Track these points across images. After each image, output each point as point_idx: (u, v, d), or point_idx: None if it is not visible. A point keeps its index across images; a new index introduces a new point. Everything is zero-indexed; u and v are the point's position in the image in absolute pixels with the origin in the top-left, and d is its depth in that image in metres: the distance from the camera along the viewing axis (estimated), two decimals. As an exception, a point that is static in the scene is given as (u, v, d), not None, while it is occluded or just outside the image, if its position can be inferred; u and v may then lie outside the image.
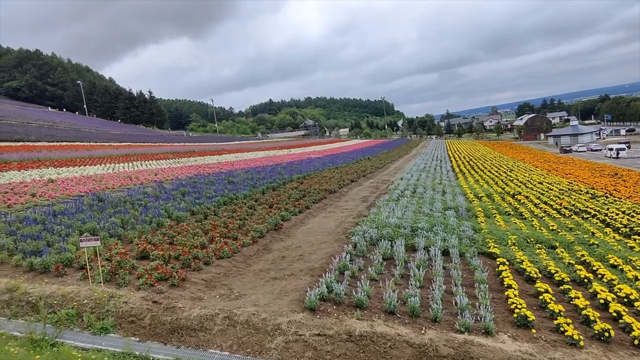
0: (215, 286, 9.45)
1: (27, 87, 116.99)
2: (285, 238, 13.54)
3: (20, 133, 53.36)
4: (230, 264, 10.81)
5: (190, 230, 12.51)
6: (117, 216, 13.13)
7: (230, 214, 14.84)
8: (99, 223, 12.48)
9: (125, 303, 8.06)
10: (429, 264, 10.86)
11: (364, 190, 23.77)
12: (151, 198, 16.44)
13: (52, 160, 34.19)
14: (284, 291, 9.06)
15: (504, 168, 39.34)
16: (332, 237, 13.30)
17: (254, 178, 23.20)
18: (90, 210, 14.19)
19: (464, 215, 16.39)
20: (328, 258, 11.18)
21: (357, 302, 8.47)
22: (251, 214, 15.31)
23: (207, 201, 16.03)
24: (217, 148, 60.76)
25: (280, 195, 18.99)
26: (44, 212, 14.05)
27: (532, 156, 56.43)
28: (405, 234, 13.06)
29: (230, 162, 38.24)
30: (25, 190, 19.00)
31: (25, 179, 22.42)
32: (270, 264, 11.06)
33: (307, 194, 19.66)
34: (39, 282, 8.92)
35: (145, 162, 35.87)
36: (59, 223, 12.61)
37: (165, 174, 27.02)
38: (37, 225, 12.26)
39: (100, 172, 27.86)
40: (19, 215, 13.72)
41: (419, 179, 27.02)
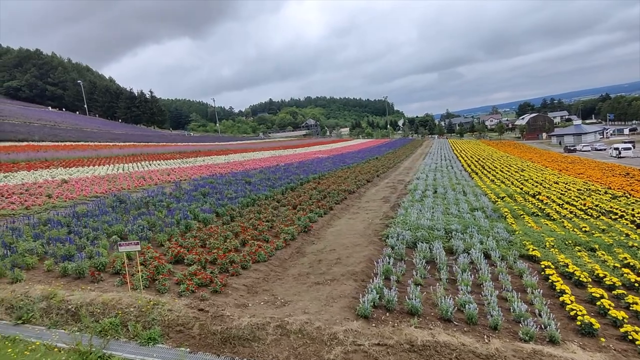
0: (257, 292, 9.06)
1: (27, 86, 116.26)
2: (316, 240, 13.15)
3: (23, 133, 52.85)
4: (268, 268, 10.42)
5: (221, 232, 12.11)
6: (143, 218, 12.71)
7: (256, 216, 14.44)
8: (126, 225, 12.06)
9: (170, 311, 7.66)
10: (472, 268, 10.49)
11: (382, 190, 23.39)
12: (173, 199, 16.01)
13: (60, 160, 33.73)
14: (330, 297, 8.67)
15: (515, 168, 38.98)
16: (365, 240, 12.92)
17: (271, 178, 22.79)
18: (113, 212, 13.78)
19: (492, 216, 16.02)
20: (367, 262, 10.81)
21: (411, 308, 8.09)
22: (276, 215, 14.90)
23: (231, 202, 15.62)
24: (222, 148, 60.32)
25: (301, 196, 18.59)
26: (67, 213, 13.62)
27: (539, 156, 56.11)
28: (440, 236, 12.70)
29: (239, 162, 37.81)
30: (40, 191, 18.56)
31: (37, 180, 21.97)
32: (307, 267, 10.67)
33: (327, 195, 19.27)
34: (75, 288, 8.51)
35: (154, 162, 35.43)
36: (85, 225, 12.20)
37: (177, 174, 26.59)
38: (62, 228, 11.83)
39: (111, 172, 27.42)
40: (41, 217, 13.29)
41: (435, 179, 26.66)
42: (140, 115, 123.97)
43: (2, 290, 8.25)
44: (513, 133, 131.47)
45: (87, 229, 11.66)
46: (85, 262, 9.03)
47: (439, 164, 38.77)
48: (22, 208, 15.35)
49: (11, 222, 12.19)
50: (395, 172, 33.86)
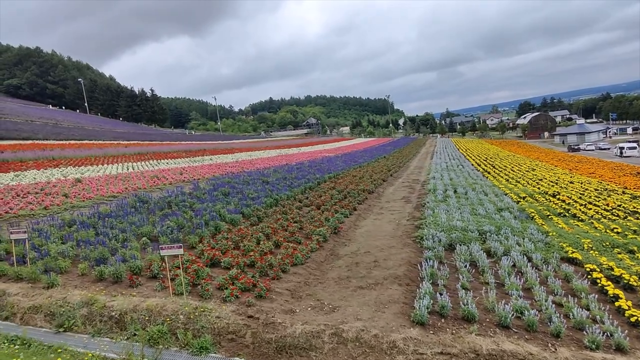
0: (301, 297, 8.72)
1: (27, 84, 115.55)
2: (348, 242, 12.81)
3: (27, 131, 52.34)
4: (306, 272, 10.07)
5: (252, 234, 11.76)
6: (170, 219, 12.34)
7: (283, 216, 14.09)
8: (155, 227, 11.70)
9: (219, 318, 7.31)
10: (516, 271, 10.17)
11: (399, 189, 23.07)
12: (195, 199, 15.65)
13: (67, 159, 33.31)
14: (380, 302, 8.34)
15: (525, 167, 38.67)
16: (398, 241, 12.59)
17: (288, 178, 22.43)
18: (137, 213, 13.40)
19: (520, 217, 15.70)
20: (407, 265, 10.49)
21: (467, 314, 7.76)
22: (303, 216, 14.55)
23: (255, 202, 15.26)
24: (226, 147, 59.91)
25: (322, 196, 18.25)
26: (91, 214, 13.23)
27: (545, 155, 55.81)
28: (475, 238, 12.37)
29: (248, 161, 37.43)
30: (56, 190, 18.16)
31: (50, 179, 21.56)
32: (346, 271, 10.33)
33: (348, 195, 18.93)
34: (115, 293, 8.15)
35: (162, 161, 35.02)
36: (111, 226, 11.83)
37: (190, 173, 26.21)
38: (89, 229, 11.46)
39: (122, 171, 27.02)
40: (64, 217, 12.90)
41: (452, 178, 26.35)
42: (141, 113, 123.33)
43: (39, 296, 7.89)
44: (515, 132, 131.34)
45: (114, 230, 11.30)
46: (122, 266, 8.65)
47: (449, 164, 38.47)
48: (41, 208, 14.96)
49: (35, 223, 11.81)
50: (406, 172, 33.54)
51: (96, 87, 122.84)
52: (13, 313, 7.53)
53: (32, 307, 7.57)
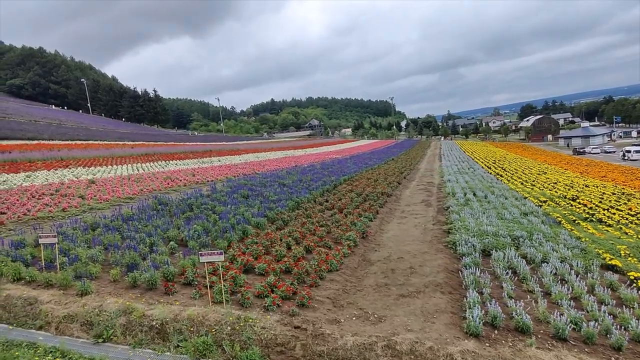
0: (342, 305, 8.36)
1: (30, 84, 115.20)
2: (377, 247, 12.46)
3: (32, 131, 51.99)
4: (342, 278, 9.72)
5: (281, 238, 11.42)
6: (196, 222, 11.99)
7: (307, 220, 13.74)
8: (182, 230, 11.35)
9: (264, 329, 6.96)
10: (559, 279, 9.82)
11: (417, 193, 22.72)
12: (215, 202, 15.30)
13: (75, 159, 32.97)
14: (427, 312, 7.99)
15: (535, 170, 38.31)
16: (429, 247, 12.24)
17: (304, 180, 22.07)
18: (160, 215, 13.05)
19: (548, 221, 15.34)
20: (445, 272, 10.15)
21: (521, 325, 7.41)
22: (327, 219, 14.19)
23: (277, 206, 14.91)
24: (232, 148, 59.58)
25: (341, 199, 17.91)
26: (113, 216, 12.86)
27: (552, 158, 55.43)
28: (508, 244, 12.02)
29: (257, 162, 37.08)
30: (71, 192, 17.82)
31: (62, 180, 21.21)
32: (382, 277, 9.98)
33: (368, 198, 18.60)
34: (152, 301, 7.80)
35: (171, 162, 34.68)
36: (136, 229, 11.48)
37: (201, 174, 25.86)
38: (114, 233, 11.11)
39: (133, 172, 26.67)
40: (85, 219, 12.54)
41: (467, 181, 26.00)
42: (143, 114, 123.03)
43: (73, 304, 7.53)
44: (517, 135, 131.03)
45: (140, 233, 10.94)
46: (157, 273, 8.30)
47: (460, 167, 38.12)
48: (59, 210, 14.61)
49: (58, 226, 11.45)
50: (417, 174, 33.20)
51: (99, 87, 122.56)
52: (47, 322, 7.18)
53: (67, 315, 7.21)
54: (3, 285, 8.06)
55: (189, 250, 10.30)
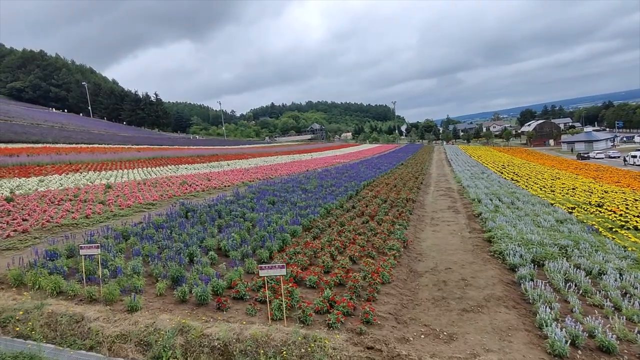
0: (406, 322, 7.84)
1: (30, 87, 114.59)
2: (419, 257, 11.96)
3: (36, 134, 51.37)
4: (396, 291, 9.20)
5: (323, 247, 10.90)
6: (231, 230, 11.45)
7: (343, 228, 13.23)
8: (218, 239, 10.81)
9: (335, 349, 6.42)
10: (623, 292, 9.33)
11: (440, 199, 22.24)
12: (245, 208, 14.76)
13: (84, 163, 32.39)
14: (498, 329, 7.48)
15: (547, 175, 37.94)
16: (474, 256, 11.75)
17: (325, 185, 21.58)
18: (194, 223, 12.48)
19: (587, 229, 14.87)
20: (500, 284, 9.65)
21: (606, 345, 6.91)
22: (360, 227, 13.68)
23: (309, 212, 14.39)
24: (238, 152, 59.04)
25: (368, 206, 17.42)
26: (145, 224, 12.28)
27: (559, 163, 55.13)
28: (557, 253, 11.53)
29: (268, 166, 36.57)
30: (90, 197, 17.24)
31: (77, 185, 20.61)
32: (437, 290, 9.46)
33: (394, 204, 18.12)
34: (206, 318, 7.26)
35: (181, 167, 34.11)
36: (170, 238, 10.93)
37: (217, 179, 25.31)
38: (148, 241, 10.55)
39: (147, 176, 26.08)
40: (115, 227, 11.97)
41: (487, 187, 25.56)
42: (145, 118, 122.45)
43: (123, 321, 6.98)
44: (518, 139, 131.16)
45: (177, 243, 10.38)
46: (208, 287, 7.76)
47: (472, 171, 37.70)
48: (82, 216, 14.03)
49: (89, 235, 10.88)
50: (432, 179, 32.76)
51: (100, 90, 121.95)
52: (98, 342, 6.61)
53: (120, 335, 6.65)
54: (44, 301, 7.49)
55: (231, 261, 9.76)
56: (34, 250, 9.97)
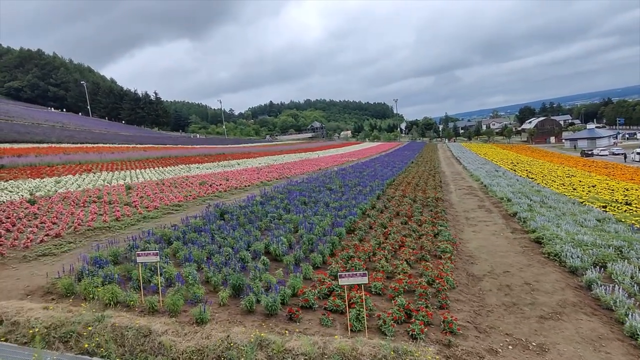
0: (486, 331, 7.37)
1: (29, 87, 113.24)
2: (471, 259, 11.49)
3: (39, 134, 50.56)
4: (463, 297, 8.74)
5: (374, 251, 10.43)
6: (278, 233, 10.95)
7: (384, 229, 12.76)
8: (267, 243, 10.31)
9: (430, 365, 5.95)
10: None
11: (465, 198, 21.80)
12: (281, 209, 14.24)
13: (93, 163, 31.76)
14: (587, 339, 7.04)
15: (560, 172, 37.60)
16: (528, 259, 11.31)
17: (348, 184, 21.09)
18: (234, 226, 11.95)
19: (632, 229, 14.46)
20: (569, 288, 9.23)
21: None
22: (401, 227, 13.22)
23: (347, 213, 13.90)
24: (244, 151, 58.42)
25: (400, 205, 16.97)
26: (186, 227, 11.73)
27: (565, 160, 54.81)
28: (613, 255, 11.10)
29: (280, 165, 36.04)
30: (115, 199, 16.67)
31: (96, 186, 20.02)
32: (503, 295, 9.00)
33: (426, 203, 17.68)
34: (279, 330, 6.77)
35: (192, 166, 33.52)
36: (213, 241, 10.41)
37: (235, 179, 24.77)
38: (192, 245, 10.03)
39: (161, 176, 25.49)
40: (156, 231, 11.43)
41: (510, 185, 25.17)
42: (144, 117, 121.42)
43: (194, 335, 6.47)
44: (519, 137, 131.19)
45: (225, 247, 9.87)
46: (277, 296, 7.26)
47: (486, 169, 37.34)
48: (113, 219, 13.49)
49: (132, 239, 10.35)
50: (448, 178, 32.32)
51: (99, 89, 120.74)
52: (173, 358, 6.11)
53: (196, 350, 6.15)
54: (103, 312, 6.98)
55: (284, 266, 9.28)
56: (77, 256, 9.46)
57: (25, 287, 8.12)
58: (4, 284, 8.37)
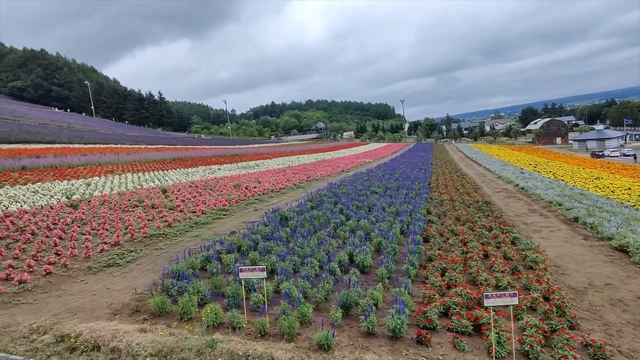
0: (632, 355, 6.60)
1: (32, 87, 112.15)
2: (559, 269, 10.72)
3: (50, 135, 49.68)
4: (581, 314, 7.96)
5: (467, 261, 9.66)
6: (355, 242, 10.17)
7: (457, 236, 12.00)
8: (351, 252, 9.53)
9: (607, 399, 5.17)
10: None
11: (509, 201, 21.03)
12: (341, 214, 13.44)
13: (113, 164, 30.93)
14: None
15: (585, 175, 36.90)
16: (623, 269, 10.55)
17: (392, 188, 20.31)
18: (303, 235, 11.15)
19: None
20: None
21: None
22: (473, 233, 12.46)
23: (413, 219, 13.12)
24: (256, 151, 57.59)
25: (455, 210, 16.22)
26: (258, 235, 10.91)
27: (581, 161, 54.10)
28: None
29: (300, 167, 35.26)
30: (156, 203, 15.85)
31: (128, 188, 19.18)
32: (621, 312, 8.22)
33: (478, 208, 16.95)
34: (412, 357, 5.98)
35: (213, 167, 32.70)
36: (292, 252, 9.62)
37: (267, 181, 23.96)
38: (269, 255, 9.25)
39: (189, 178, 24.66)
40: (226, 239, 10.62)
41: (551, 187, 24.44)
42: (148, 117, 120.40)
43: (324, 364, 5.68)
44: (523, 137, 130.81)
45: (309, 257, 9.08)
46: (403, 316, 6.48)
47: (511, 170, 36.63)
48: (165, 225, 12.67)
49: (205, 249, 9.54)
50: (475, 180, 31.56)
51: (102, 90, 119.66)
52: (311, 393, 5.32)
53: (336, 383, 5.36)
54: (212, 336, 6.17)
55: (380, 279, 8.49)
56: (144, 266, 8.66)
57: (109, 305, 7.31)
58: (82, 301, 7.56)
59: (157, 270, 9.13)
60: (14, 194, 16.17)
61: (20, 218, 12.65)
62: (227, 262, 8.93)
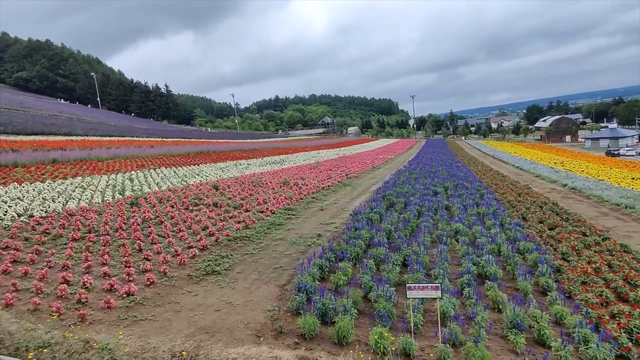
0: None
1: (37, 78, 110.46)
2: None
3: (66, 127, 48.54)
4: None
5: (596, 270, 8.77)
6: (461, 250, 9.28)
7: (558, 242, 11.12)
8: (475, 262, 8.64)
9: None
10: None
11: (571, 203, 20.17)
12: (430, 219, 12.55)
13: (140, 158, 29.92)
14: None
15: (618, 174, 36.03)
16: None
17: (450, 187, 19.42)
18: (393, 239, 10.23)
19: None
20: None
21: None
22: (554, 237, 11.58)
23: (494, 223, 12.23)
24: (272, 146, 56.55)
25: (532, 212, 15.36)
26: (337, 237, 9.96)
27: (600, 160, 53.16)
28: None
29: (331, 162, 34.29)
30: (219, 201, 14.90)
31: (173, 184, 18.22)
32: None
33: (551, 210, 16.09)
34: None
35: (243, 162, 31.76)
36: (416, 262, 8.71)
37: (310, 178, 23.02)
38: (366, 261, 8.33)
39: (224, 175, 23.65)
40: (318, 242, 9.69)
41: (607, 188, 23.58)
42: (155, 109, 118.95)
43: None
44: (531, 135, 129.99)
45: (432, 270, 8.17)
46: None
47: (542, 169, 35.78)
48: (244, 227, 11.75)
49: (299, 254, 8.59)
50: (514, 178, 30.68)
51: (109, 81, 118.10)
52: None
53: None
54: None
55: (524, 293, 7.59)
56: (247, 275, 7.74)
57: (246, 325, 6.36)
58: (210, 318, 6.62)
59: (266, 280, 8.22)
60: (62, 190, 15.20)
61: (85, 217, 11.70)
62: (346, 272, 8.00)
